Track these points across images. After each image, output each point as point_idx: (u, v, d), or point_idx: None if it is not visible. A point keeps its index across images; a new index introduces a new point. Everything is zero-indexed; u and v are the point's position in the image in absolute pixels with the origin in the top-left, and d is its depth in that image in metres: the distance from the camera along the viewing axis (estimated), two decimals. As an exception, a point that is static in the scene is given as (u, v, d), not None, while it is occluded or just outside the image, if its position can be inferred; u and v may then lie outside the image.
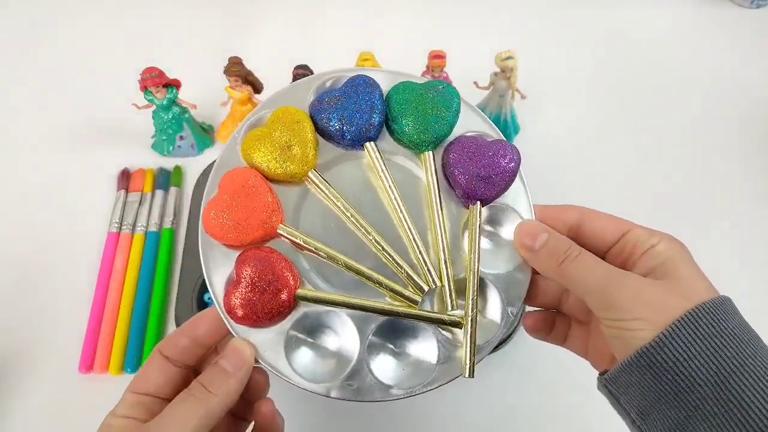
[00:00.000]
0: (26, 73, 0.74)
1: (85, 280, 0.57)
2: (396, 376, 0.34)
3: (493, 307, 0.36)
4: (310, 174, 0.36)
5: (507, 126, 0.65)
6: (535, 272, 0.37)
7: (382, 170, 0.37)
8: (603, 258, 0.33)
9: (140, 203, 0.61)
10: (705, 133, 0.69)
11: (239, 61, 0.59)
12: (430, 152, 0.37)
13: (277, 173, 0.36)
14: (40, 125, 0.69)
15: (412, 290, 0.35)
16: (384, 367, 0.35)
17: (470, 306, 0.35)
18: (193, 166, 0.64)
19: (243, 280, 0.34)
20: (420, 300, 0.35)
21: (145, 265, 0.57)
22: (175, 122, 0.62)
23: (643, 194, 0.64)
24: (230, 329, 0.34)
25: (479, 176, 0.36)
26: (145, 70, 0.58)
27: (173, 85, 0.60)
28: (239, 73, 0.58)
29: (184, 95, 0.61)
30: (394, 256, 0.36)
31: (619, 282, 0.31)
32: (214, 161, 0.63)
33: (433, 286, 0.35)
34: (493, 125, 0.39)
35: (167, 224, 0.60)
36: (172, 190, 0.63)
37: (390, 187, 0.37)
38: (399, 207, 0.36)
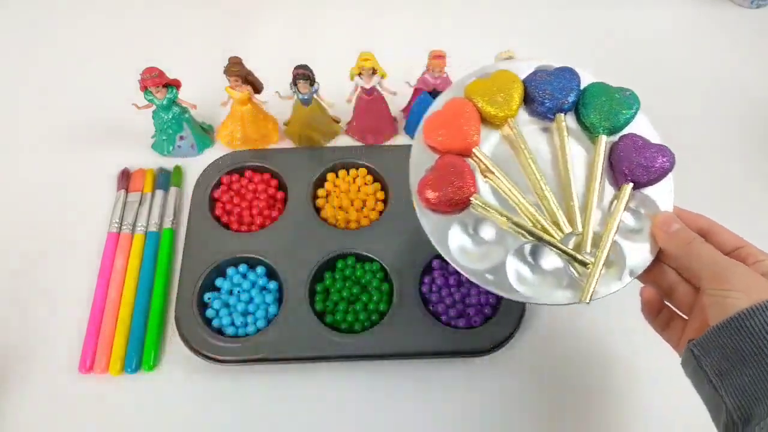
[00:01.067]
0: (26, 73, 0.74)
1: (85, 280, 0.57)
2: (525, 286, 0.43)
3: (618, 266, 0.44)
4: (509, 120, 0.47)
5: (507, 126, 0.65)
6: (657, 257, 0.44)
7: (565, 135, 0.46)
8: None
9: (140, 203, 0.62)
10: (705, 133, 0.69)
11: (239, 61, 0.59)
12: (604, 136, 0.46)
13: (484, 111, 0.47)
14: (41, 125, 0.69)
15: (557, 228, 0.44)
16: (518, 274, 0.44)
17: (604, 250, 0.43)
18: (193, 166, 0.64)
19: (438, 171, 0.45)
20: (562, 237, 0.44)
21: (145, 265, 0.58)
22: (175, 122, 0.62)
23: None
24: (417, 210, 0.45)
25: (639, 164, 0.45)
26: (145, 70, 0.58)
27: (173, 85, 0.60)
28: (239, 73, 0.58)
29: (184, 95, 0.61)
30: (553, 199, 0.44)
31: (731, 267, 0.38)
32: (215, 160, 0.63)
33: (578, 231, 0.44)
34: (656, 136, 0.48)
35: (167, 224, 0.60)
36: (172, 190, 0.63)
37: (565, 150, 0.46)
38: (568, 165, 0.45)
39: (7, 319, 0.56)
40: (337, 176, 0.63)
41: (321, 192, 0.62)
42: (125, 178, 0.63)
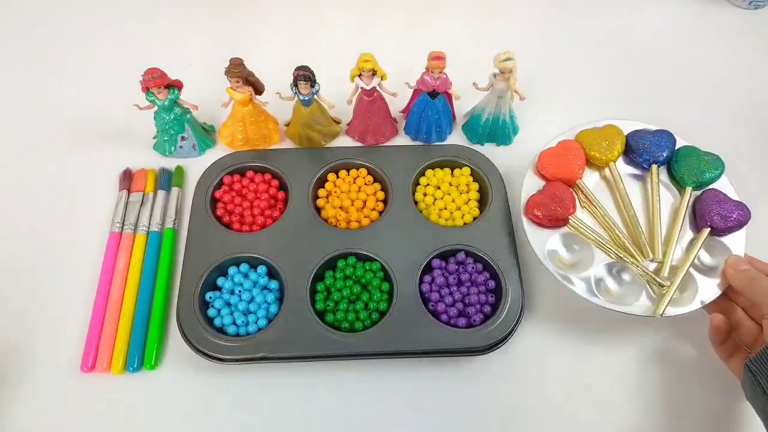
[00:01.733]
0: (28, 74, 0.75)
1: (87, 279, 0.57)
2: (606, 295, 0.52)
3: (690, 294, 0.52)
4: (609, 164, 0.59)
5: (506, 127, 0.66)
6: (726, 293, 0.52)
7: (657, 182, 0.57)
8: None
9: (142, 203, 0.62)
10: (704, 133, 0.69)
11: (240, 62, 0.59)
12: (690, 188, 0.57)
13: (589, 153, 0.58)
14: (42, 125, 0.69)
15: (640, 253, 0.54)
16: (601, 285, 0.53)
17: (680, 275, 0.52)
18: (195, 167, 0.65)
19: (546, 194, 0.56)
20: (644, 261, 0.53)
21: (147, 264, 0.58)
22: (177, 123, 0.63)
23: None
24: (524, 223, 0.55)
25: (718, 213, 0.54)
26: (147, 71, 0.58)
27: (175, 85, 0.60)
28: (240, 74, 0.59)
29: (185, 96, 0.62)
30: (641, 230, 0.55)
31: None
32: (217, 161, 0.64)
33: (658, 258, 0.54)
34: (735, 192, 0.57)
35: (169, 224, 0.61)
36: (174, 190, 0.63)
37: (656, 194, 0.57)
38: (656, 207, 0.56)
39: (9, 318, 0.56)
40: (337, 176, 0.63)
41: (322, 192, 0.62)
42: (127, 178, 0.64)
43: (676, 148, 0.59)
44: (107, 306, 0.56)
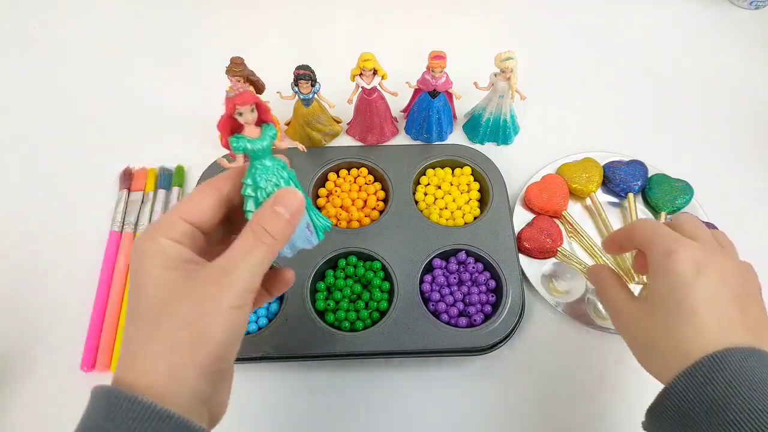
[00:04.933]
0: (29, 73, 0.75)
1: (87, 278, 0.57)
2: (600, 318, 0.56)
3: None
4: (590, 194, 0.62)
5: (507, 126, 0.66)
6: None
7: (634, 210, 0.61)
8: None
9: (142, 202, 0.62)
10: (704, 132, 0.70)
11: (241, 61, 0.59)
12: (665, 213, 0.61)
13: (571, 186, 0.62)
14: (43, 124, 0.69)
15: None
16: (594, 308, 0.56)
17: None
18: (195, 166, 0.65)
19: (535, 227, 0.59)
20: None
21: (147, 264, 0.58)
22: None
23: (642, 194, 0.64)
24: (516, 253, 0.57)
25: None
26: (239, 95, 0.37)
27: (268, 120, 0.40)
28: (241, 73, 0.59)
29: (183, 97, 0.61)
30: (627, 255, 0.58)
31: None
32: (216, 160, 0.63)
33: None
34: (705, 216, 0.61)
35: (169, 223, 0.60)
36: (174, 189, 0.63)
37: (635, 220, 0.59)
38: None
39: (9, 318, 0.56)
40: (338, 176, 0.63)
41: (322, 191, 0.62)
42: (127, 177, 0.64)
43: (649, 176, 0.63)
44: (107, 305, 0.56)
